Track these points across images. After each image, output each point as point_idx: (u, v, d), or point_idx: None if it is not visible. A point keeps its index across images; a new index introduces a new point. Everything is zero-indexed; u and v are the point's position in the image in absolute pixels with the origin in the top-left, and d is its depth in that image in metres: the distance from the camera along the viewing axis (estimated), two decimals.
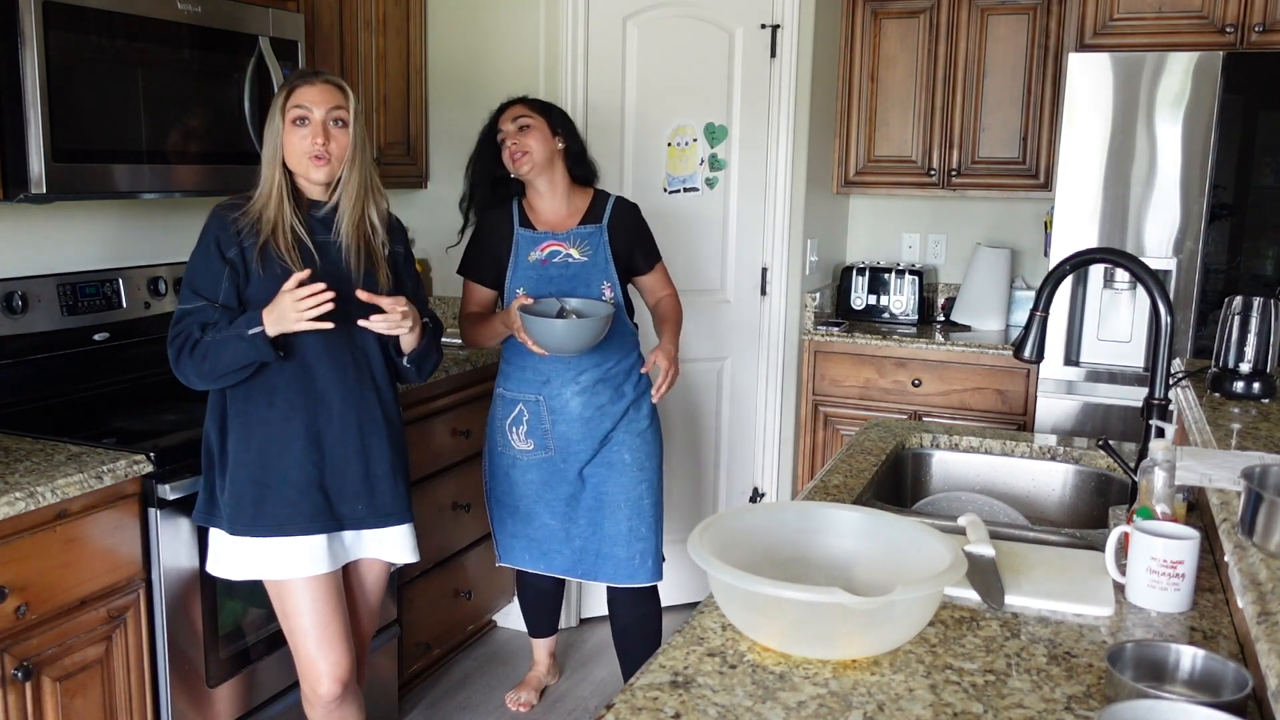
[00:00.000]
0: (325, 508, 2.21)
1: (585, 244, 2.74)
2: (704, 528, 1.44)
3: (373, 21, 3.29)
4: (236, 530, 2.16)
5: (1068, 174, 3.49)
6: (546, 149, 2.70)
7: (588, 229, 2.76)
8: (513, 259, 2.75)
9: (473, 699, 3.25)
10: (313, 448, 2.18)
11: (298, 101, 2.15)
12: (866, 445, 2.34)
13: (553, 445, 2.77)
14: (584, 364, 2.73)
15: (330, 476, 2.21)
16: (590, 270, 2.74)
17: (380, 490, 2.27)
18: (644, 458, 2.80)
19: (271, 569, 2.18)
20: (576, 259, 2.73)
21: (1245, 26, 3.39)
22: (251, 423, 2.17)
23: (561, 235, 2.74)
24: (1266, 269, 3.37)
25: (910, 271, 4.21)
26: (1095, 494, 2.27)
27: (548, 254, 2.73)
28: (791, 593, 1.26)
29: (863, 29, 4.09)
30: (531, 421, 2.78)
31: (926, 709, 1.22)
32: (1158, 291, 1.82)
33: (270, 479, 2.15)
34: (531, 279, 2.72)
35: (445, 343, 3.54)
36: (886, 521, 1.54)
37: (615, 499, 2.78)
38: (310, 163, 2.15)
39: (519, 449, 2.80)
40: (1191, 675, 1.24)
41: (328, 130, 2.15)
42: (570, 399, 2.75)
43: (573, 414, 2.75)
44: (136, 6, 2.35)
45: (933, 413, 3.87)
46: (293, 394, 2.17)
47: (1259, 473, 1.37)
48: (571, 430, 2.76)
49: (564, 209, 2.78)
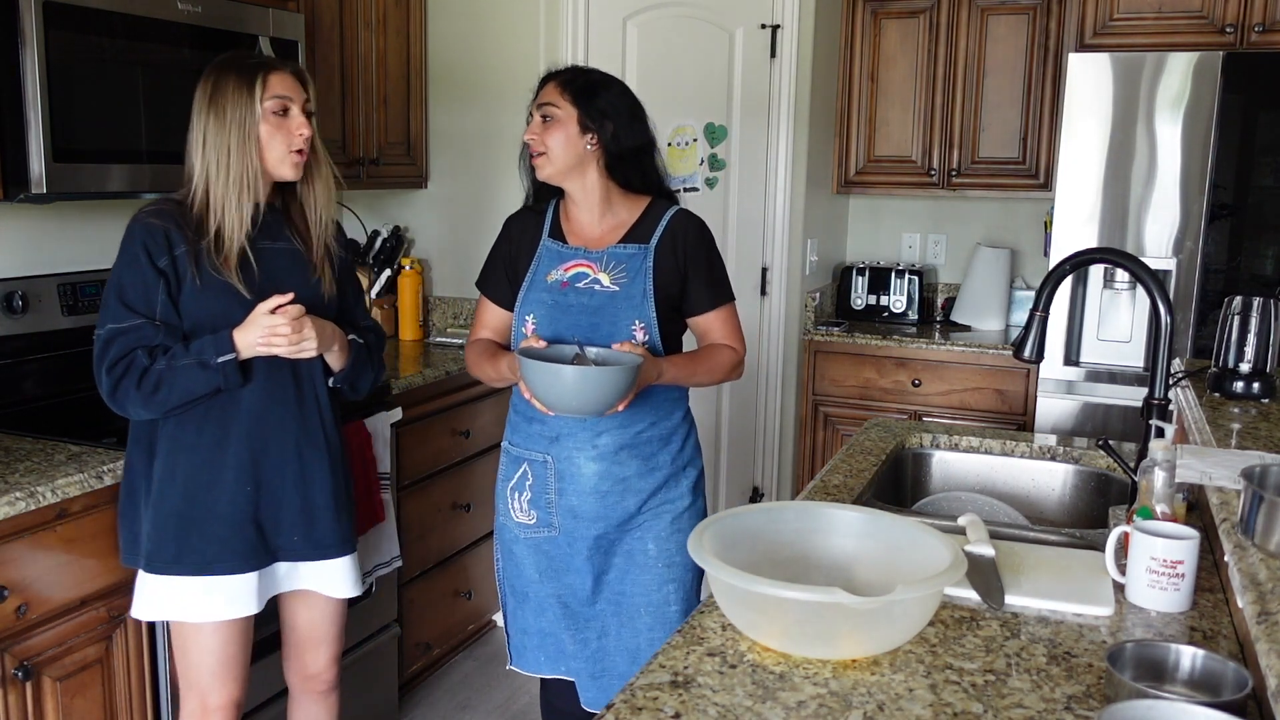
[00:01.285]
0: (259, 543, 2.00)
1: (621, 269, 2.12)
2: (704, 527, 1.45)
3: (373, 21, 3.29)
4: (155, 568, 1.95)
5: (1067, 174, 3.49)
6: (571, 150, 2.10)
7: (628, 250, 2.13)
8: (529, 276, 2.18)
9: (473, 699, 3.25)
10: (246, 478, 1.97)
11: (277, 90, 1.94)
12: (866, 445, 2.34)
13: (556, 523, 2.16)
14: (606, 423, 2.11)
15: (266, 509, 2.01)
16: (620, 304, 2.10)
17: (320, 521, 2.07)
18: (673, 550, 2.16)
19: (192, 610, 1.97)
20: (605, 287, 2.11)
21: (1245, 26, 3.39)
22: (179, 450, 1.95)
23: (594, 254, 2.14)
24: (1266, 269, 3.37)
25: (910, 271, 4.21)
26: (1095, 494, 2.27)
27: (571, 275, 2.14)
28: (791, 593, 1.26)
29: (863, 29, 4.09)
30: (535, 488, 2.17)
31: (926, 709, 1.22)
32: (1158, 291, 1.82)
33: (195, 512, 1.95)
34: (545, 306, 2.13)
35: (445, 342, 3.55)
36: (886, 521, 1.54)
37: (634, 602, 2.17)
38: (291, 159, 1.97)
39: (519, 521, 2.21)
40: (1191, 675, 1.24)
41: (308, 123, 1.98)
42: (584, 465, 2.13)
43: (585, 485, 2.13)
44: (136, 6, 2.35)
45: (933, 413, 3.87)
46: (227, 418, 1.96)
47: (1259, 473, 1.36)
48: (583, 505, 2.14)
49: (603, 221, 2.17)
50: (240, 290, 1.93)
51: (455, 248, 3.73)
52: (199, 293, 1.92)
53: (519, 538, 2.22)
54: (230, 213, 1.92)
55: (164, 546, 1.95)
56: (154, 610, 2.00)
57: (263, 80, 1.92)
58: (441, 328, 3.76)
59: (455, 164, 3.68)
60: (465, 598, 3.38)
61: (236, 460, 1.96)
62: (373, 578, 2.81)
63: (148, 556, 1.96)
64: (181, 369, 1.87)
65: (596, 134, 2.10)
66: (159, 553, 1.95)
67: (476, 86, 3.58)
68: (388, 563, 2.84)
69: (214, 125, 1.92)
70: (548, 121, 2.11)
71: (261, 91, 1.92)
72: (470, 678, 3.38)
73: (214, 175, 1.92)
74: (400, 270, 3.63)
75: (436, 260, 3.78)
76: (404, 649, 3.09)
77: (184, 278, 1.91)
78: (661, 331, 2.11)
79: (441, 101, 3.66)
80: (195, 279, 1.91)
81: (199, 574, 1.95)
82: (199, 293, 1.92)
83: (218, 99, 1.92)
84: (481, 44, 3.60)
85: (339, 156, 3.17)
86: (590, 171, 2.13)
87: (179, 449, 1.95)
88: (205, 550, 1.95)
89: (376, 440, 2.76)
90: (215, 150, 1.92)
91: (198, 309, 1.92)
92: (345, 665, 2.78)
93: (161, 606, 1.98)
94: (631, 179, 2.16)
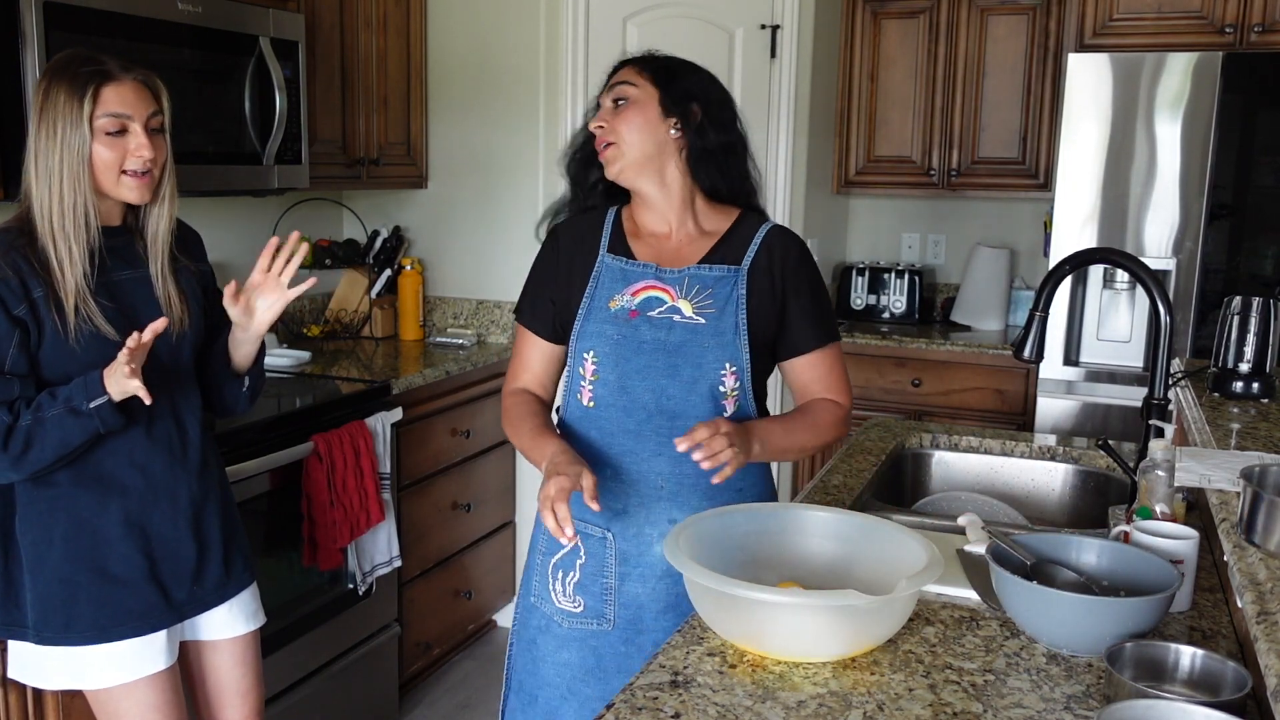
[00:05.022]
0: (161, 601, 1.80)
1: (706, 296, 1.69)
2: (680, 529, 1.47)
3: (373, 21, 3.29)
4: (45, 639, 1.75)
5: (1067, 174, 3.49)
6: (650, 137, 1.69)
7: (715, 271, 1.71)
8: (585, 300, 1.73)
9: (473, 699, 3.25)
10: (136, 533, 1.76)
11: (111, 109, 1.67)
12: (866, 445, 2.35)
13: (613, 615, 1.73)
14: (689, 495, 1.70)
15: (163, 564, 1.80)
16: (707, 341, 1.68)
17: (214, 561, 1.88)
18: None
19: (97, 677, 1.77)
20: (686, 318, 1.68)
21: (1245, 27, 3.39)
22: (55, 510, 1.73)
23: (670, 275, 1.71)
24: (1266, 269, 3.37)
25: (910, 271, 4.21)
26: (1095, 494, 2.27)
27: (641, 302, 1.70)
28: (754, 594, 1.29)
29: (862, 29, 4.09)
30: (587, 569, 1.74)
31: (926, 709, 1.22)
32: (1157, 291, 1.82)
33: (81, 576, 1.73)
34: (608, 341, 1.69)
35: (446, 342, 3.55)
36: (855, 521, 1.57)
37: None
38: (130, 182, 1.71)
39: (559, 607, 1.76)
40: (1191, 675, 1.24)
41: (152, 140, 1.71)
42: (657, 545, 1.71)
43: (655, 569, 1.71)
44: (137, 7, 2.35)
45: (933, 413, 3.87)
46: (104, 470, 1.74)
47: (1258, 473, 1.37)
48: (649, 596, 1.72)
49: (682, 233, 1.75)
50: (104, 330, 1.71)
51: (455, 248, 3.74)
52: (59, 344, 1.68)
53: (553, 625, 1.76)
54: (61, 247, 1.67)
55: (52, 615, 1.74)
56: (51, 679, 1.80)
57: (94, 94, 1.66)
58: (441, 328, 3.76)
59: (455, 164, 3.68)
60: (465, 598, 3.39)
61: (124, 515, 1.75)
62: (373, 577, 2.81)
63: (35, 628, 1.75)
64: (51, 419, 1.63)
65: (681, 120, 1.70)
66: (47, 622, 1.74)
67: (477, 86, 3.59)
68: (388, 562, 2.84)
69: (44, 144, 1.66)
70: (620, 106, 1.70)
71: (92, 108, 1.65)
72: (470, 678, 3.38)
73: (46, 202, 1.67)
74: (400, 270, 3.63)
75: (436, 260, 3.78)
76: (404, 649, 3.09)
77: (44, 324, 1.67)
78: (757, 379, 1.72)
79: (441, 101, 3.66)
80: (57, 325, 1.67)
81: (94, 641, 1.75)
82: (59, 344, 1.68)
83: (48, 112, 1.66)
84: (482, 44, 3.60)
85: (339, 156, 3.17)
86: (670, 168, 1.72)
87: (55, 509, 1.73)
88: (97, 617, 1.75)
89: (376, 440, 2.76)
90: (45, 173, 1.67)
91: (64, 360, 1.69)
92: (345, 665, 2.80)
93: (61, 676, 1.79)
94: (718, 183, 1.75)
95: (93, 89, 1.66)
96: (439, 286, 3.82)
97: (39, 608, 1.74)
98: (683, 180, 1.73)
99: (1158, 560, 1.43)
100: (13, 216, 1.74)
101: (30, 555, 1.74)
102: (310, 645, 2.68)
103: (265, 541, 2.51)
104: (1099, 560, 1.48)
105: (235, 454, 2.33)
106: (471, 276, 3.72)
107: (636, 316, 1.69)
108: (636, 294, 1.71)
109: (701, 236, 1.75)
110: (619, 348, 1.69)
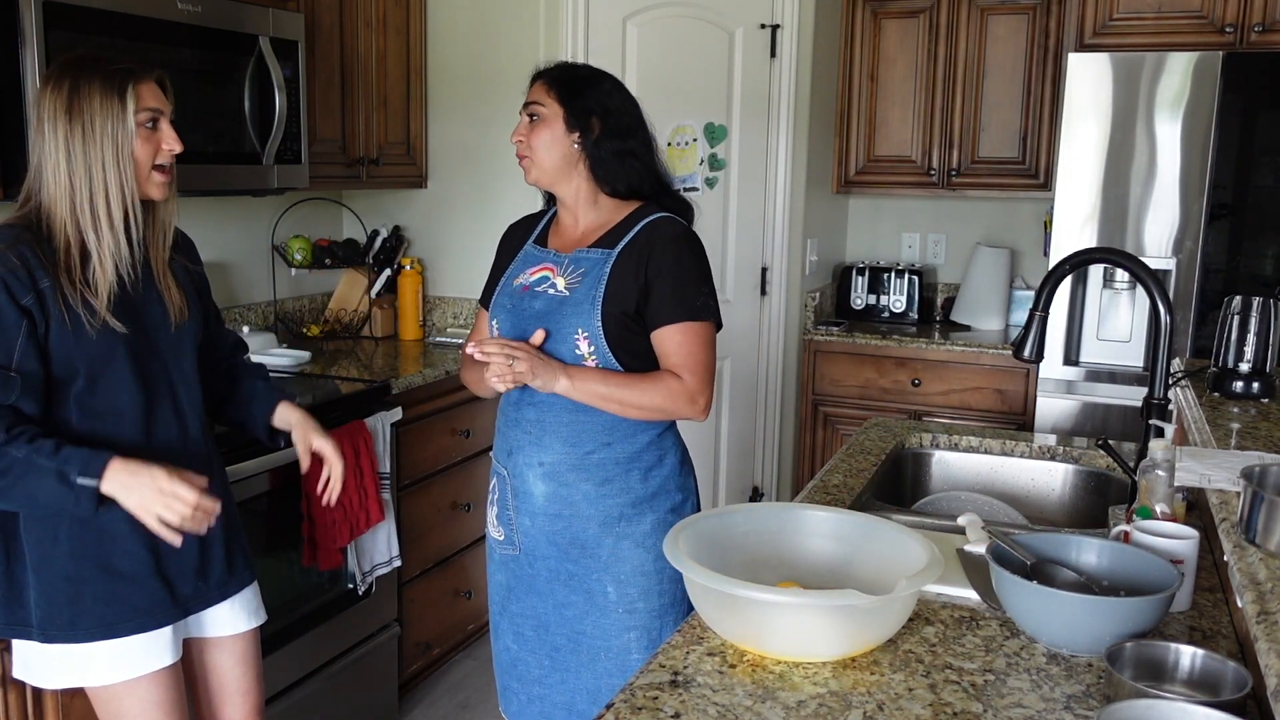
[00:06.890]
0: (166, 597, 1.81)
1: (578, 273, 1.94)
2: (680, 529, 1.48)
3: (373, 21, 3.29)
4: (50, 637, 1.74)
5: (1067, 174, 3.49)
6: (556, 151, 1.94)
7: (593, 254, 1.95)
8: (503, 280, 2.06)
9: (473, 699, 3.25)
10: (141, 528, 1.73)
11: (149, 103, 1.72)
12: (866, 445, 2.35)
13: (518, 540, 2.01)
14: (551, 439, 1.94)
15: (168, 559, 1.80)
16: (567, 310, 1.91)
17: (217, 557, 1.89)
18: (636, 596, 1.95)
19: (102, 674, 1.77)
20: (558, 291, 1.94)
21: (1245, 26, 3.39)
22: None
23: (560, 258, 1.98)
24: (1266, 269, 3.37)
25: (910, 271, 4.22)
26: (1095, 493, 2.27)
27: (535, 280, 1.99)
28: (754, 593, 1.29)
29: (862, 29, 4.09)
30: (499, 502, 2.05)
31: (926, 709, 1.22)
32: (1157, 291, 1.82)
33: (86, 572, 1.74)
34: (505, 310, 2.00)
35: (445, 342, 3.55)
36: (855, 521, 1.57)
37: (593, 644, 1.97)
38: (158, 178, 1.76)
39: (492, 535, 2.09)
40: (1191, 674, 1.24)
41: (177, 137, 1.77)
42: (534, 483, 1.97)
43: (535, 504, 1.97)
44: (136, 6, 2.35)
45: (933, 412, 3.87)
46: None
47: (1259, 472, 1.36)
48: (535, 526, 1.98)
49: (584, 225, 2.01)
50: (116, 327, 1.71)
51: (455, 248, 3.73)
52: (66, 336, 1.67)
53: (493, 552, 2.09)
54: (106, 238, 1.69)
55: (56, 613, 1.74)
56: (54, 678, 1.79)
57: (134, 90, 1.70)
58: (441, 328, 3.76)
59: (455, 164, 3.68)
60: (465, 597, 3.39)
61: (126, 510, 1.70)
62: (372, 577, 2.81)
63: (40, 626, 1.75)
64: (37, 469, 1.61)
65: (581, 134, 1.94)
66: (52, 619, 1.74)
67: (477, 86, 3.58)
68: (387, 562, 2.84)
69: (79, 143, 1.68)
70: (534, 121, 1.96)
71: (135, 104, 1.70)
72: (470, 677, 3.38)
73: (89, 194, 1.68)
74: (400, 270, 3.63)
75: (436, 260, 3.78)
76: (404, 649, 3.09)
77: (51, 314, 1.66)
78: (617, 346, 1.90)
79: (441, 101, 3.66)
80: (64, 315, 1.66)
81: (100, 638, 1.75)
82: (66, 336, 1.67)
83: (83, 109, 1.68)
84: (482, 44, 3.59)
85: (339, 156, 3.17)
86: (575, 174, 1.97)
87: None
88: (104, 613, 1.75)
89: (376, 440, 2.76)
90: (85, 170, 1.68)
91: (71, 353, 1.68)
92: (345, 665, 2.80)
93: (64, 674, 1.78)
94: (618, 185, 1.97)
95: (132, 86, 1.70)
96: (439, 286, 3.82)
97: (44, 605, 1.74)
98: (587, 184, 1.98)
99: (1158, 560, 1.43)
100: (13, 215, 1.73)
101: (35, 552, 1.73)
102: (310, 645, 2.68)
103: (265, 541, 2.51)
104: (1099, 560, 1.48)
105: (235, 454, 2.33)
106: (471, 276, 3.72)
107: (527, 291, 1.98)
108: (534, 274, 2.00)
109: (599, 228, 1.99)
110: (511, 315, 1.98)
